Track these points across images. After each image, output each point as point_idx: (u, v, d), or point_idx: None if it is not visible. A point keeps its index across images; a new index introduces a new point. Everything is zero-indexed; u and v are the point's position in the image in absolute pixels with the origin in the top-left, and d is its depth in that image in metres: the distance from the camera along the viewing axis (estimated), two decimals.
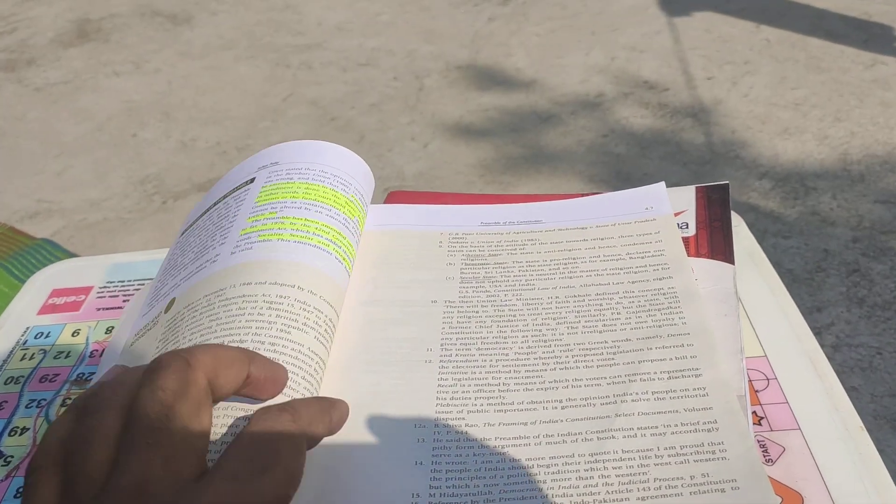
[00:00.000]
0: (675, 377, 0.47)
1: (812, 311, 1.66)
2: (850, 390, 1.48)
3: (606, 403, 0.47)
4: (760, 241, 1.84)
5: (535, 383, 0.49)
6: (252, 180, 0.60)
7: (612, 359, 0.49)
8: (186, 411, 0.35)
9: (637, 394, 0.47)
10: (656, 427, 0.45)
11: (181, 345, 0.48)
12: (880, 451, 1.47)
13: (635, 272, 0.56)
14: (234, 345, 0.46)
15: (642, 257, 0.57)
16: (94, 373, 0.60)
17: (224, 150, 2.48)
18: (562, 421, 0.46)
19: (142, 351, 0.53)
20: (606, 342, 0.51)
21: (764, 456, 0.45)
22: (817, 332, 1.60)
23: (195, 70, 3.05)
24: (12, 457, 0.54)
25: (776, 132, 2.26)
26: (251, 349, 0.46)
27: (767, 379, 0.50)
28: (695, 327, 0.50)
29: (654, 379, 0.47)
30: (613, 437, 0.44)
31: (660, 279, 0.55)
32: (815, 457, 0.45)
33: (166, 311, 0.54)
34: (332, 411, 0.43)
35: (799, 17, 2.89)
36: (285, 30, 3.28)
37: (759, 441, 0.46)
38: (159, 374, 0.36)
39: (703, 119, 2.36)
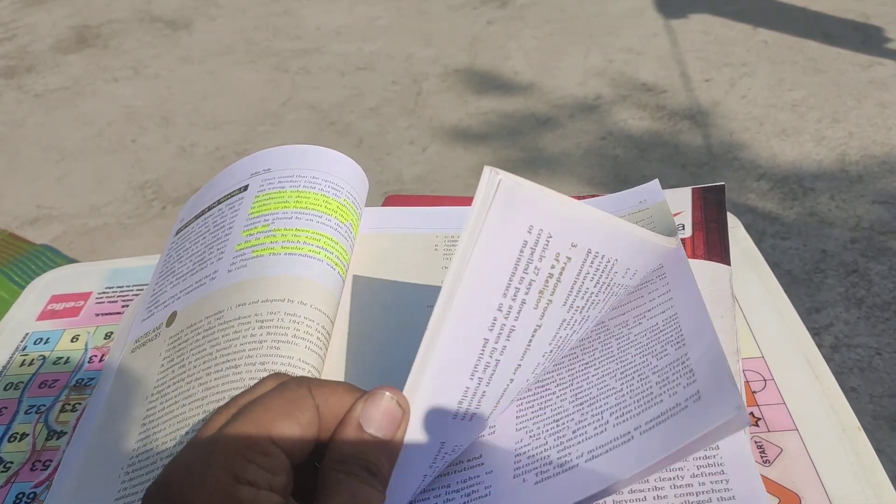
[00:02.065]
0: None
1: (811, 311, 1.66)
2: (849, 391, 1.48)
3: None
4: (759, 243, 1.83)
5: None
6: (245, 188, 0.61)
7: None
8: None
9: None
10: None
11: (187, 369, 0.50)
12: (879, 452, 1.47)
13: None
14: (230, 368, 0.47)
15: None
16: (93, 378, 0.60)
17: (223, 156, 2.48)
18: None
19: (144, 363, 0.54)
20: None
21: (761, 457, 0.46)
22: (816, 333, 1.60)
23: (194, 75, 3.05)
24: (12, 463, 0.54)
25: (774, 133, 2.26)
26: (244, 371, 0.47)
27: (764, 380, 0.50)
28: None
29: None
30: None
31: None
32: (812, 457, 0.45)
33: (168, 325, 0.54)
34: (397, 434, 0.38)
35: (796, 18, 2.89)
36: (284, 35, 3.29)
37: (756, 442, 0.46)
38: None
39: (701, 121, 2.36)
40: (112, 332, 0.65)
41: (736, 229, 0.63)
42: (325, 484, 0.35)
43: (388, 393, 0.37)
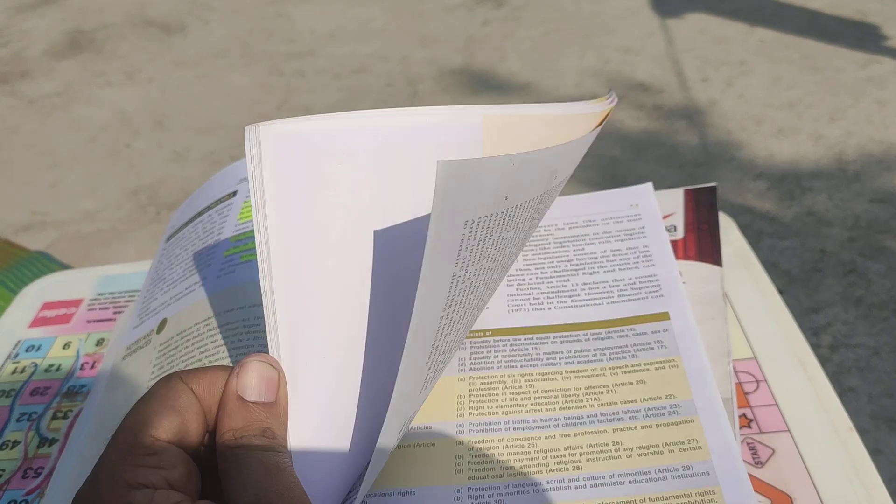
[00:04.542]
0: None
1: (809, 311, 1.66)
2: (848, 391, 1.48)
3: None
4: (757, 242, 1.83)
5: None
6: (234, 193, 0.61)
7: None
8: None
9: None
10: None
11: None
12: (878, 452, 1.45)
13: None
14: None
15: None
16: (84, 385, 0.60)
17: (218, 160, 2.48)
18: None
19: (135, 370, 0.54)
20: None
21: (753, 458, 0.45)
22: (815, 333, 1.60)
23: (188, 79, 3.05)
24: (3, 470, 0.54)
25: (771, 133, 2.26)
26: None
27: (757, 381, 0.50)
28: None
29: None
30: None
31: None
32: (804, 458, 0.45)
33: (158, 332, 0.54)
34: (278, 390, 0.37)
35: (793, 17, 2.89)
36: (278, 37, 3.28)
37: (748, 443, 0.46)
38: None
39: (698, 121, 2.36)
40: (104, 339, 0.64)
41: (729, 230, 0.63)
42: (229, 464, 0.34)
43: (257, 359, 0.37)
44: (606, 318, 0.51)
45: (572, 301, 0.53)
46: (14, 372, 0.63)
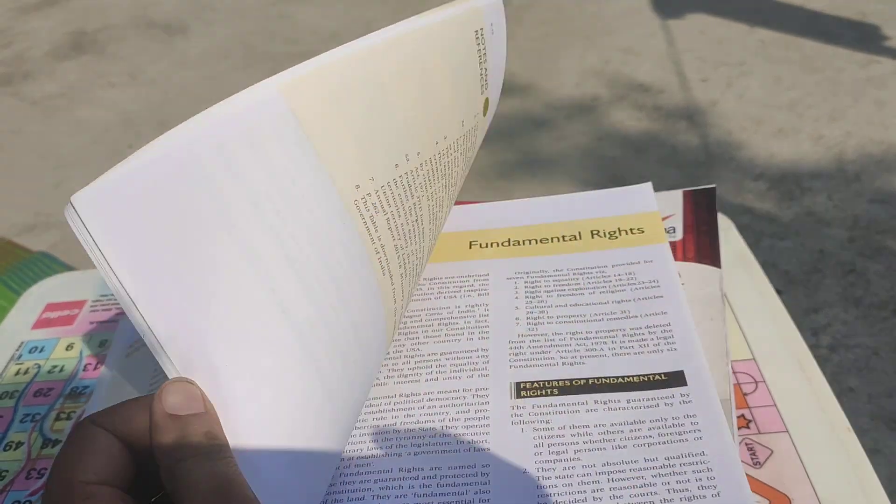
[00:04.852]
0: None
1: (809, 312, 1.66)
2: (847, 391, 1.48)
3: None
4: (756, 243, 1.82)
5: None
6: None
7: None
8: None
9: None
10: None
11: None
12: (877, 452, 1.45)
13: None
14: None
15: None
16: (87, 387, 0.60)
17: None
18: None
19: (138, 369, 0.54)
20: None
21: (751, 458, 0.46)
22: (814, 333, 1.60)
23: (191, 80, 3.05)
24: (7, 471, 0.54)
25: (771, 133, 2.26)
26: None
27: (756, 382, 0.50)
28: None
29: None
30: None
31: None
32: (802, 459, 0.45)
33: None
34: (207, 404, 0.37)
35: (793, 17, 2.89)
36: (280, 38, 3.28)
37: (746, 444, 0.46)
38: None
39: (698, 121, 2.36)
40: (107, 341, 0.65)
41: (728, 231, 0.63)
42: (177, 483, 0.34)
43: (174, 380, 0.36)
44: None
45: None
46: (17, 373, 0.63)
